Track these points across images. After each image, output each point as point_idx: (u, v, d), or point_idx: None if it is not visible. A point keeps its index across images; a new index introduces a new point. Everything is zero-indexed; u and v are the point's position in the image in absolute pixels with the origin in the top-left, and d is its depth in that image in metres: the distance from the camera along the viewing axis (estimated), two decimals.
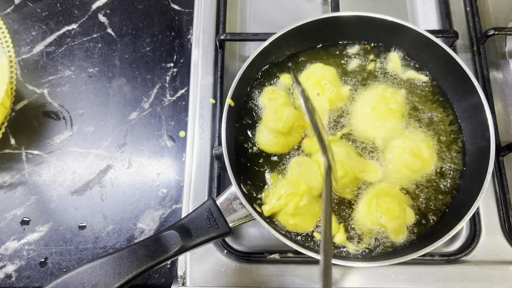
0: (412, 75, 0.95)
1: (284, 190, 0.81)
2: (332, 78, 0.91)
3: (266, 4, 1.14)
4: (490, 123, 0.82)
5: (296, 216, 0.81)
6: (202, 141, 0.98)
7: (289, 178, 0.85)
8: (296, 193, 0.80)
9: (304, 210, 0.81)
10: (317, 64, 0.94)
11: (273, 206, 0.81)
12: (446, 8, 1.07)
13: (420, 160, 0.84)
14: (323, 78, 0.90)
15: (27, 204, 0.98)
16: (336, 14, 0.92)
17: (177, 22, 1.15)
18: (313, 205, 0.82)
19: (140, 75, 1.09)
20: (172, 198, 0.99)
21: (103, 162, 1.02)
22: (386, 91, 0.89)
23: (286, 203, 0.80)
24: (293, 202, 0.79)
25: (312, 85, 0.90)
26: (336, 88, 0.90)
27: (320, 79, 0.90)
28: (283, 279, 0.87)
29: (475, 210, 0.77)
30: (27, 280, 0.93)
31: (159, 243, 0.74)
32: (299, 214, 0.81)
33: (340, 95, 0.92)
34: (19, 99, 1.07)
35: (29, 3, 1.16)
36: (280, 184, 0.83)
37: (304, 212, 0.81)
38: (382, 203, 0.81)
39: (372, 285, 0.87)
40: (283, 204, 0.80)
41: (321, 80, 0.90)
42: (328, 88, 0.89)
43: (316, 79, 0.90)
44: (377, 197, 0.82)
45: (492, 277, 0.86)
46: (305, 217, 0.82)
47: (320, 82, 0.90)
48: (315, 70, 0.93)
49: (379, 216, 0.80)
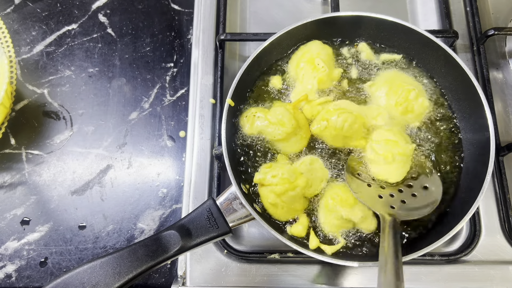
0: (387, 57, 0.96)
1: (282, 172, 0.81)
2: (326, 58, 0.91)
3: (266, 4, 1.14)
4: (490, 123, 0.82)
5: (277, 198, 0.81)
6: (202, 141, 0.98)
7: (294, 167, 0.85)
8: (291, 182, 0.81)
9: (287, 199, 0.81)
10: (315, 42, 0.95)
11: (264, 178, 0.81)
12: (446, 8, 1.07)
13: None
14: (318, 56, 0.90)
15: (27, 204, 0.98)
16: (336, 14, 0.92)
17: (177, 22, 1.15)
18: (297, 201, 0.83)
19: (140, 75, 1.09)
20: (172, 198, 0.99)
21: (103, 162, 1.02)
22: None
23: (277, 184, 0.80)
24: (283, 187, 0.80)
25: (306, 62, 0.91)
26: (328, 68, 0.90)
27: (314, 57, 0.90)
28: (283, 279, 0.87)
29: (475, 210, 0.77)
30: (27, 280, 0.93)
31: (159, 243, 0.74)
32: (281, 200, 0.81)
33: (332, 77, 0.92)
34: (19, 99, 1.07)
35: (29, 3, 1.16)
36: (283, 166, 0.83)
37: (286, 201, 0.81)
38: (336, 197, 0.82)
39: (372, 285, 0.87)
40: (273, 183, 0.81)
41: (315, 59, 0.90)
42: (321, 68, 0.90)
43: (310, 57, 0.91)
44: (331, 197, 0.83)
45: (492, 277, 0.86)
46: (284, 205, 0.82)
47: (313, 60, 0.90)
48: (311, 47, 0.93)
49: (338, 210, 0.81)
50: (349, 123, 0.84)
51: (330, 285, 0.87)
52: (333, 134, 0.86)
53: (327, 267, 0.88)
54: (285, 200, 0.81)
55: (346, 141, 0.88)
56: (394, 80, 0.91)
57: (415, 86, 0.90)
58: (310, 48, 0.93)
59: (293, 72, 0.94)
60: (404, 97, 0.87)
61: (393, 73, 0.94)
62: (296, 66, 0.93)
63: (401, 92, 0.88)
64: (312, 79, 0.90)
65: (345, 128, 0.84)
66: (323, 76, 0.90)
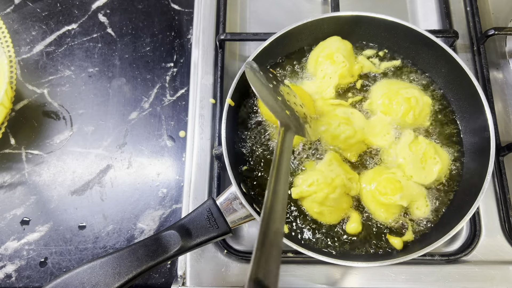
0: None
1: (317, 178, 0.80)
2: (346, 53, 0.91)
3: (266, 4, 1.14)
4: (490, 123, 0.82)
5: (322, 206, 0.80)
6: (202, 141, 0.98)
7: (326, 169, 0.83)
8: (329, 184, 0.79)
9: (332, 203, 0.80)
10: (334, 37, 0.94)
11: (302, 191, 0.81)
12: (446, 8, 1.07)
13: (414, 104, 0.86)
14: (337, 51, 0.90)
15: (27, 204, 0.98)
16: (336, 14, 0.92)
17: (177, 22, 1.15)
18: (342, 201, 0.82)
19: (140, 75, 1.09)
20: (172, 198, 0.99)
21: (103, 162, 1.02)
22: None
23: (316, 191, 0.79)
24: (323, 193, 0.79)
25: (325, 57, 0.90)
26: (349, 63, 0.90)
27: (333, 52, 0.90)
28: (283, 279, 0.87)
29: (475, 210, 0.77)
30: (27, 280, 0.93)
31: (159, 243, 0.74)
32: (326, 205, 0.80)
33: (352, 71, 0.92)
34: (19, 99, 1.07)
35: (29, 3, 1.16)
36: (315, 171, 0.83)
37: (331, 205, 0.81)
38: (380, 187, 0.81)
39: (372, 285, 0.87)
40: (312, 192, 0.80)
41: (334, 54, 0.90)
42: (340, 62, 0.89)
43: (329, 52, 0.90)
44: (376, 187, 0.82)
45: (492, 277, 0.86)
46: (332, 209, 0.82)
47: (333, 55, 0.90)
48: (330, 43, 0.93)
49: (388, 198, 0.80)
50: (346, 135, 0.84)
51: (330, 285, 0.87)
52: (331, 138, 0.86)
53: (327, 267, 0.88)
54: (329, 204, 0.80)
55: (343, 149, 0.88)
56: (390, 89, 0.90)
57: (411, 90, 0.89)
58: (329, 44, 0.93)
59: (311, 67, 0.94)
60: (403, 104, 0.87)
61: (386, 82, 0.93)
62: (316, 61, 0.93)
63: (401, 101, 0.87)
64: (334, 73, 0.89)
65: (341, 138, 0.84)
66: (344, 71, 0.89)
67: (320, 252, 0.80)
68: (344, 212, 0.84)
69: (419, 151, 0.85)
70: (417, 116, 0.87)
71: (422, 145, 0.85)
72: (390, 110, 0.88)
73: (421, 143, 0.86)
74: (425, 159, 0.84)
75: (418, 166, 0.84)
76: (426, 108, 0.89)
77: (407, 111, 0.86)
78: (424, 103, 0.88)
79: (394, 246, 0.82)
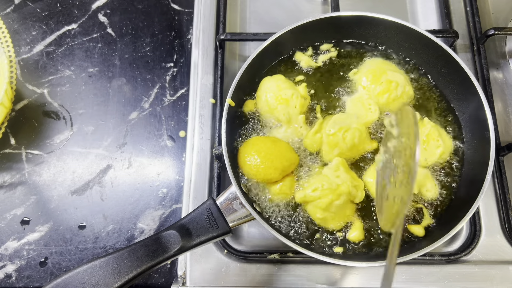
0: None
1: (322, 184, 0.80)
2: (286, 84, 0.89)
3: (266, 4, 1.14)
4: (490, 123, 0.82)
5: (326, 212, 0.80)
6: (202, 141, 0.98)
7: (332, 174, 0.82)
8: (334, 191, 0.79)
9: (335, 209, 0.80)
10: (265, 79, 0.91)
11: (306, 195, 0.81)
12: (446, 8, 1.07)
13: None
14: (280, 90, 0.87)
15: (27, 204, 0.98)
16: (336, 14, 0.92)
17: (177, 22, 1.15)
18: (345, 208, 0.82)
19: (140, 75, 1.09)
20: (172, 198, 0.99)
21: (103, 162, 1.02)
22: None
23: (320, 197, 0.79)
24: (327, 199, 0.78)
25: (276, 101, 0.87)
26: (294, 90, 0.88)
27: (279, 94, 0.87)
28: (283, 279, 0.87)
29: (475, 210, 0.77)
30: (27, 280, 0.93)
31: (159, 243, 0.74)
32: (329, 211, 0.80)
33: (304, 95, 0.90)
34: (19, 99, 1.07)
35: (29, 3, 1.16)
36: (321, 176, 0.82)
37: (335, 211, 0.80)
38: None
39: (372, 285, 0.87)
40: (316, 197, 0.79)
41: (281, 93, 0.87)
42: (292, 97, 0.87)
43: (276, 95, 0.87)
44: None
45: (492, 277, 0.86)
46: (335, 216, 0.81)
47: (280, 96, 0.87)
48: (267, 86, 0.89)
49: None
50: (357, 137, 0.84)
51: (330, 285, 0.87)
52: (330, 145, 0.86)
53: (327, 267, 0.88)
54: (333, 211, 0.80)
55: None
56: (379, 67, 0.90)
57: (398, 75, 0.89)
58: (268, 87, 0.89)
59: (267, 113, 0.90)
60: (383, 84, 0.87)
61: (380, 61, 0.94)
62: (270, 108, 0.88)
63: (382, 80, 0.88)
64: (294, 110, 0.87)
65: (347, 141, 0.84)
66: (301, 102, 0.88)
67: (320, 252, 0.80)
68: (347, 219, 0.83)
69: (423, 133, 0.85)
70: (391, 100, 0.88)
71: (427, 126, 0.86)
72: (369, 86, 0.89)
73: (426, 125, 0.86)
74: (428, 141, 0.85)
75: (421, 147, 0.84)
76: (405, 98, 0.89)
77: (383, 91, 0.87)
78: (404, 92, 0.89)
79: (417, 235, 0.82)
